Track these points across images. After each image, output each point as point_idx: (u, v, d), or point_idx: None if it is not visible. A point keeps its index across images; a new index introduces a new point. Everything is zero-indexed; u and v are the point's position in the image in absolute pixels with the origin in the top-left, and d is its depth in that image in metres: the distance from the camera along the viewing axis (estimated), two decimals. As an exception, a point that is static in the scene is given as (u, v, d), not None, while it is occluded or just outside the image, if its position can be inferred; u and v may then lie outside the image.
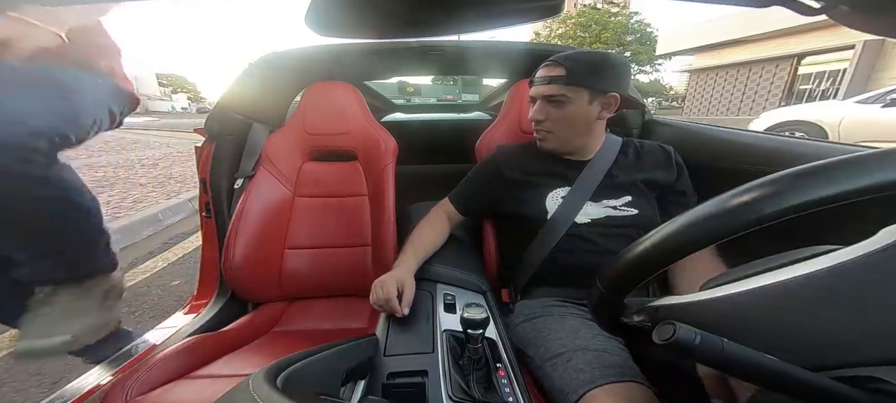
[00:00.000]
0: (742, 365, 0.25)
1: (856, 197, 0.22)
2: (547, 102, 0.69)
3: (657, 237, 0.29)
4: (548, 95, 0.68)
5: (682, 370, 0.49)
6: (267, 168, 0.90)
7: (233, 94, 0.91)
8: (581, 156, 0.73)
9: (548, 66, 0.69)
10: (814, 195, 0.22)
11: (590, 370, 0.48)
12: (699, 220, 0.26)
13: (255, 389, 0.26)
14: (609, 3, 18.89)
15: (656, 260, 0.29)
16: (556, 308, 0.64)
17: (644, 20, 13.58)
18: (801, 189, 0.22)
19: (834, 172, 0.22)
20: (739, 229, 0.24)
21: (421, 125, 1.68)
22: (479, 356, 0.49)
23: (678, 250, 0.27)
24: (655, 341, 0.26)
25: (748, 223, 0.24)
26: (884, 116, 3.53)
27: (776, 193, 0.23)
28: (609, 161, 0.72)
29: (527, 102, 0.97)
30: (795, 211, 0.22)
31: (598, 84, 0.66)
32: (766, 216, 0.23)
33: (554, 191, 0.71)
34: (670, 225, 0.28)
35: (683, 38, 12.11)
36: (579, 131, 0.71)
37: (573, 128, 0.70)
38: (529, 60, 1.05)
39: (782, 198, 0.23)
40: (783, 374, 0.24)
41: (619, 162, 0.72)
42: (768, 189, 0.23)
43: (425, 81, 3.54)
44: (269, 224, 0.88)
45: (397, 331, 0.56)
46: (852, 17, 0.35)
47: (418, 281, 0.67)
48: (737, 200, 0.24)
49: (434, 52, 1.02)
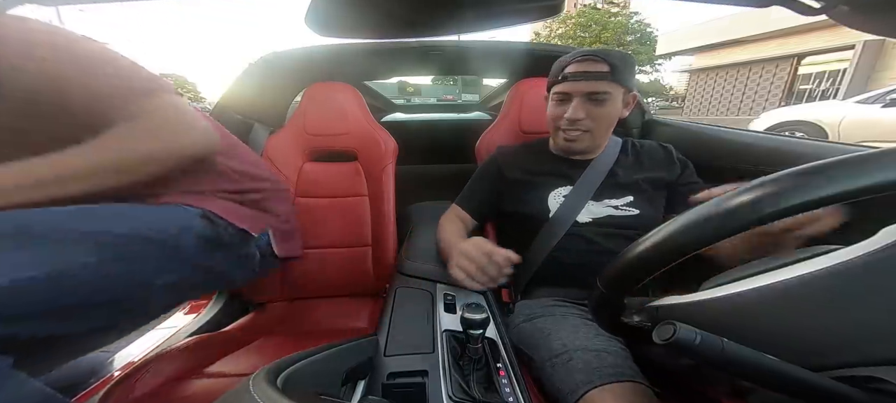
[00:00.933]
0: (742, 365, 0.25)
1: (856, 196, 0.22)
2: (588, 100, 0.65)
3: (657, 237, 0.29)
4: (592, 92, 0.64)
5: (683, 371, 0.49)
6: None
7: (232, 95, 0.91)
8: (586, 156, 0.72)
9: (586, 60, 0.64)
10: (814, 195, 0.22)
11: (589, 370, 0.48)
12: (700, 220, 0.26)
13: (255, 389, 0.26)
14: (609, 2, 18.92)
15: (657, 259, 0.29)
16: (556, 308, 0.64)
17: (644, 20, 13.63)
18: (802, 188, 0.22)
19: (833, 172, 0.22)
20: (739, 229, 0.24)
21: (421, 125, 1.68)
22: (480, 356, 0.49)
23: (678, 250, 0.27)
24: (656, 341, 0.26)
25: (748, 223, 0.24)
26: (884, 116, 3.55)
27: (776, 193, 0.23)
28: (611, 160, 0.71)
29: (528, 102, 0.97)
30: (795, 210, 0.22)
31: (630, 81, 0.65)
32: (766, 216, 0.23)
33: (556, 190, 0.70)
34: (671, 224, 0.28)
35: (683, 39, 12.17)
36: (608, 130, 0.69)
37: (608, 127, 0.68)
38: (529, 60, 1.05)
39: (782, 197, 0.23)
40: (783, 374, 0.25)
41: (621, 161, 0.72)
42: (769, 189, 0.23)
43: (425, 81, 3.55)
44: (269, 224, 0.88)
45: (397, 331, 0.56)
46: (852, 16, 0.35)
47: (417, 280, 0.67)
48: (737, 200, 0.24)
49: (434, 52, 1.02)
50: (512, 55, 1.06)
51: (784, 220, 0.23)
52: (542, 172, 0.73)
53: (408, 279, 0.69)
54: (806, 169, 0.23)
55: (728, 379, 0.35)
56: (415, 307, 0.61)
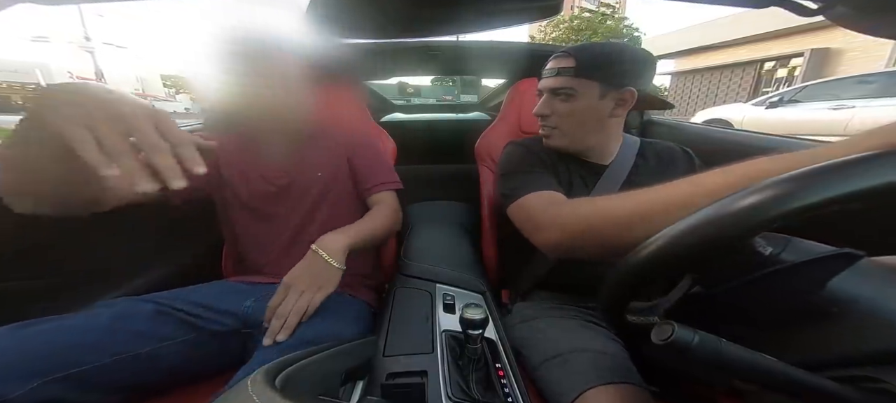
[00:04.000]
0: (740, 365, 0.25)
1: (849, 201, 0.22)
2: (553, 96, 0.64)
3: (676, 231, 0.28)
4: (555, 88, 0.63)
5: (683, 371, 0.49)
6: None
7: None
8: (598, 159, 0.68)
9: (557, 57, 0.63)
10: (807, 200, 0.22)
11: (586, 370, 0.48)
12: (726, 214, 0.25)
13: (253, 390, 0.25)
14: (604, 4, 18.81)
15: (682, 254, 0.28)
16: (554, 310, 0.64)
17: (632, 25, 14.03)
18: (803, 191, 0.23)
19: (830, 177, 0.22)
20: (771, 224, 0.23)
21: (419, 125, 1.68)
22: (479, 356, 0.49)
23: (697, 245, 0.26)
24: (654, 341, 0.26)
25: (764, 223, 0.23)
26: (766, 116, 4.96)
27: (782, 194, 0.23)
28: (627, 165, 0.66)
29: (527, 102, 0.96)
30: (782, 218, 0.22)
31: (612, 77, 0.60)
32: (772, 218, 0.23)
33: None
34: (690, 220, 0.27)
35: (665, 44, 12.98)
36: (590, 128, 0.64)
37: (581, 124, 0.64)
38: (529, 60, 1.05)
39: (794, 197, 0.23)
40: (780, 374, 0.25)
41: (639, 167, 0.67)
42: (778, 189, 0.23)
43: (425, 82, 3.56)
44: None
45: (397, 332, 0.56)
46: (849, 17, 0.36)
47: (417, 280, 0.67)
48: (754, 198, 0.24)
49: (433, 52, 1.02)
50: (511, 55, 1.07)
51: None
52: (565, 175, 0.67)
53: (407, 279, 0.69)
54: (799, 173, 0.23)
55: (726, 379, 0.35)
56: (414, 307, 0.61)
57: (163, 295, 0.56)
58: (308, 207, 0.69)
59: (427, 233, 0.84)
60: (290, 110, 0.62)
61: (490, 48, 1.05)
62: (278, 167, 0.68)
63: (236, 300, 0.58)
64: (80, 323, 0.47)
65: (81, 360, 0.44)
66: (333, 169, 0.71)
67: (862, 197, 0.21)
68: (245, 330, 0.57)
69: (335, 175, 0.71)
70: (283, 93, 0.59)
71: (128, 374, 0.48)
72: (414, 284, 0.68)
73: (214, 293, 0.59)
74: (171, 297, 0.55)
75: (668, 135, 0.95)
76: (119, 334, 0.48)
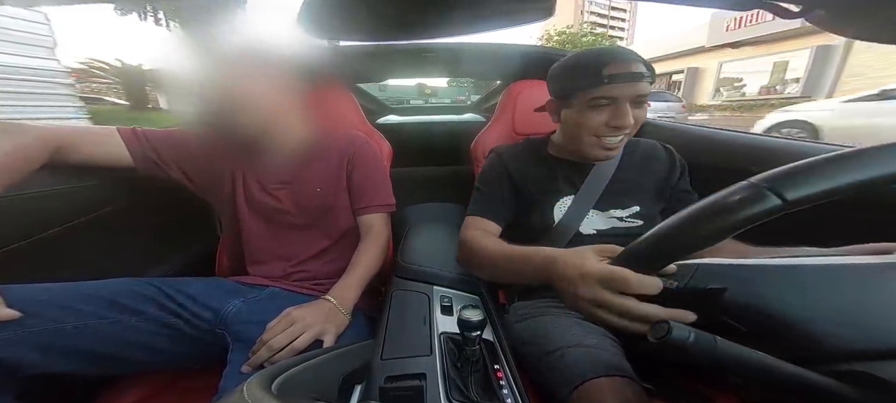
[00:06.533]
0: (735, 362, 0.26)
1: (846, 192, 0.23)
2: (634, 104, 0.59)
3: (679, 220, 0.30)
4: (642, 94, 0.58)
5: (679, 367, 0.49)
6: None
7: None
8: (590, 158, 0.69)
9: (626, 62, 0.57)
10: (804, 192, 0.23)
11: (582, 364, 0.48)
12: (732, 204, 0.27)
13: (249, 395, 0.25)
14: (615, 9, 20.65)
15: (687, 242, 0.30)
16: (551, 308, 0.65)
17: (615, 39, 16.00)
18: (797, 185, 0.24)
19: (826, 169, 0.23)
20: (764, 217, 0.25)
21: (414, 127, 1.68)
22: (477, 358, 0.49)
23: (705, 236, 0.28)
24: (650, 339, 0.27)
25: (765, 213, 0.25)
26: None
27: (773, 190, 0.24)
28: (614, 163, 0.68)
29: (521, 104, 0.97)
30: (772, 214, 0.24)
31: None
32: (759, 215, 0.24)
33: (561, 199, 0.68)
34: (695, 208, 0.29)
35: (645, 50, 14.31)
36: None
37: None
38: (523, 63, 1.06)
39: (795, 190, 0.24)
40: (776, 370, 0.25)
41: (625, 164, 0.68)
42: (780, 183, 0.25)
43: (441, 84, 3.66)
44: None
45: (394, 335, 0.56)
46: (829, 21, 0.37)
47: (414, 282, 0.66)
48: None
49: (427, 53, 1.02)
50: (506, 57, 1.07)
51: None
52: (548, 178, 0.70)
53: (404, 282, 0.69)
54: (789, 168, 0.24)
55: (722, 375, 0.36)
56: (411, 309, 0.60)
57: (153, 279, 0.57)
58: (304, 220, 0.70)
59: (423, 235, 0.84)
60: (281, 116, 0.62)
61: (484, 50, 1.06)
62: (274, 175, 0.68)
63: (221, 298, 0.58)
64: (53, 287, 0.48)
65: (43, 322, 0.45)
66: (332, 186, 0.72)
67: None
68: (218, 330, 0.56)
69: (335, 191, 0.72)
70: (273, 98, 0.58)
71: (88, 340, 0.47)
72: (411, 286, 0.67)
73: (201, 287, 0.59)
74: (158, 281, 0.56)
75: (661, 136, 0.97)
76: (92, 301, 0.49)
